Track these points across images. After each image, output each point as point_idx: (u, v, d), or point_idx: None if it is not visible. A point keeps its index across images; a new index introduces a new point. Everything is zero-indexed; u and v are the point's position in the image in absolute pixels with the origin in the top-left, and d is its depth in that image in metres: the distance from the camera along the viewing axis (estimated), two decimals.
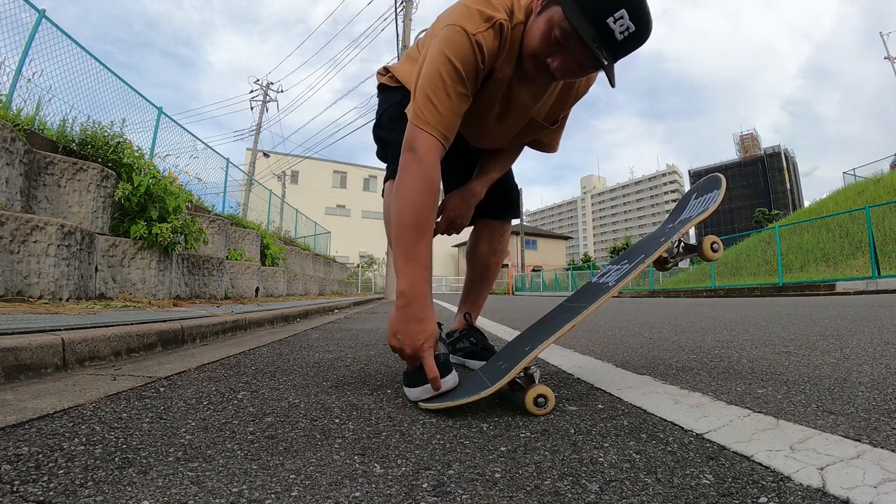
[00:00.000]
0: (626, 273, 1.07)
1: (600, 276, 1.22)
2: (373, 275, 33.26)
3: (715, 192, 1.16)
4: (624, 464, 0.65)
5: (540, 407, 0.90)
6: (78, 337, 1.37)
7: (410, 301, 0.96)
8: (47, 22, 4.41)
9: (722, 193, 1.14)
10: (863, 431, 0.74)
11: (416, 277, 0.96)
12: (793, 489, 0.55)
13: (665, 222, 1.32)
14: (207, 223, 5.70)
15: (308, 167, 39.01)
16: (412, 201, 0.97)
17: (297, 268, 10.03)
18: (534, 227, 56.04)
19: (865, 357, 1.48)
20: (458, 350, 1.53)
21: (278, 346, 2.06)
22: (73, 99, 4.65)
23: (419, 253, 0.97)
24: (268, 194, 12.77)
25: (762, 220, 45.27)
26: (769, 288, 11.12)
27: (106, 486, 0.56)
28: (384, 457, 0.69)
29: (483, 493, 0.56)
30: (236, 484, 0.58)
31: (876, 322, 2.62)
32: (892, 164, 21.88)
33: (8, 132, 2.86)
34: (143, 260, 3.63)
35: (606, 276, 1.18)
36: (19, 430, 0.77)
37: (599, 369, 1.41)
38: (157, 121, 6.61)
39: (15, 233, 2.56)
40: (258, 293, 6.25)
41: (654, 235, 1.24)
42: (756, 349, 1.75)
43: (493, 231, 1.55)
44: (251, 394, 1.10)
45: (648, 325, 3.06)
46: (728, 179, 1.18)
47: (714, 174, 1.23)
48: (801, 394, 1.02)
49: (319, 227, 17.81)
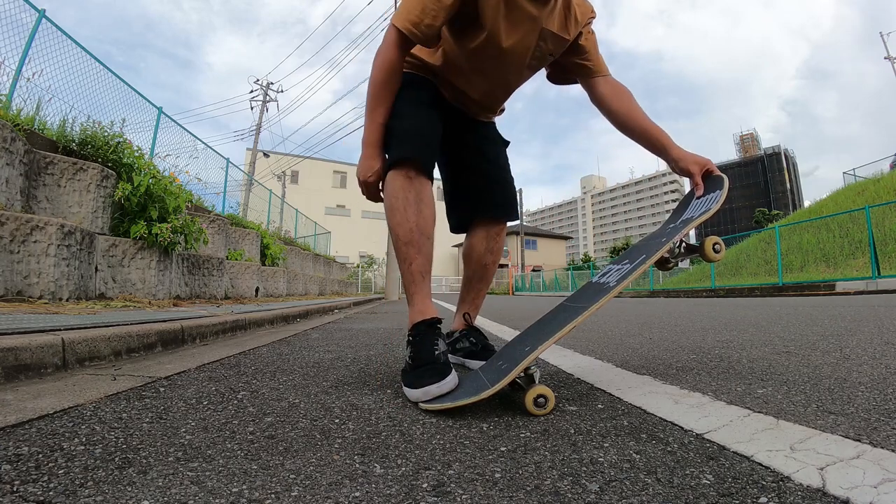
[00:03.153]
0: (627, 273, 1.07)
1: (601, 275, 1.22)
2: (373, 275, 33.26)
3: (717, 192, 1.15)
4: (624, 464, 0.65)
5: (540, 407, 0.90)
6: (78, 337, 1.37)
7: (365, 147, 1.24)
8: (47, 22, 4.41)
9: (724, 194, 1.13)
10: (863, 431, 0.74)
11: (371, 131, 1.23)
12: (793, 489, 0.55)
13: (666, 222, 1.32)
14: (207, 223, 5.70)
15: (308, 167, 39.02)
16: (372, 78, 1.21)
17: (297, 268, 10.03)
18: (534, 227, 56.02)
19: (865, 357, 1.48)
20: (458, 350, 1.53)
21: (278, 346, 2.06)
22: (73, 99, 4.64)
23: (376, 113, 1.22)
24: (268, 194, 12.77)
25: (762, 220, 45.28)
26: (769, 288, 11.12)
27: (106, 486, 0.56)
28: (384, 457, 0.69)
29: (483, 493, 0.56)
30: (236, 484, 0.58)
31: (876, 322, 2.62)
32: (892, 164, 21.88)
33: (8, 132, 2.86)
34: (143, 260, 3.63)
35: (607, 275, 1.18)
36: (19, 430, 0.77)
37: (599, 369, 1.41)
38: (157, 121, 6.61)
39: (15, 233, 2.56)
40: (258, 293, 6.25)
41: (656, 235, 1.24)
42: (756, 349, 1.75)
43: (489, 231, 1.55)
44: (251, 394, 1.10)
45: (648, 325, 3.06)
46: (728, 179, 1.18)
47: (717, 175, 1.22)
48: (801, 394, 1.02)
49: (319, 227, 17.81)
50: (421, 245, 1.19)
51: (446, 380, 0.98)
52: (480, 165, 1.49)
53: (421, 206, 1.20)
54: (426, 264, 1.21)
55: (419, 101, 1.29)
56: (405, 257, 1.19)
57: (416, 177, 1.21)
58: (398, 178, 1.20)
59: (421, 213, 1.20)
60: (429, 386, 0.97)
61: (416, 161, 1.20)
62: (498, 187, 1.51)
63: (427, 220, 1.21)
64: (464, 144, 1.48)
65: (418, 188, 1.20)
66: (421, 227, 1.19)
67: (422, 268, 1.20)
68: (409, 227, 1.18)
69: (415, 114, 1.26)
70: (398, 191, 1.19)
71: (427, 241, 1.21)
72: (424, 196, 1.22)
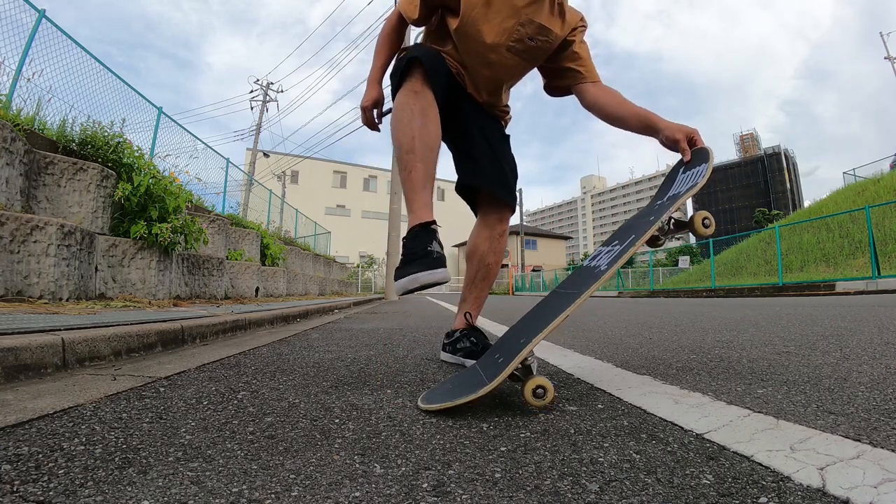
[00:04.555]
0: (618, 255, 1.04)
1: (592, 258, 1.19)
2: (373, 275, 33.26)
3: (703, 165, 1.13)
4: (624, 464, 0.65)
5: (539, 398, 0.88)
6: (78, 337, 1.37)
7: (367, 82, 1.46)
8: (47, 22, 4.41)
9: (710, 167, 1.11)
10: (863, 431, 0.74)
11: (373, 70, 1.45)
12: (793, 489, 0.55)
13: (654, 199, 1.29)
14: (207, 223, 5.70)
15: (308, 167, 39.01)
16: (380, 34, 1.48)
17: (297, 268, 10.03)
18: (534, 227, 56.02)
19: (865, 357, 1.48)
20: (458, 350, 1.53)
21: (278, 346, 2.06)
22: (73, 99, 4.64)
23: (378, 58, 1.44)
24: (268, 194, 12.77)
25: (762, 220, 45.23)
26: (769, 288, 11.12)
27: (106, 486, 0.56)
28: (384, 457, 0.69)
29: (483, 493, 0.56)
30: (236, 484, 0.58)
31: (876, 322, 2.62)
32: (892, 164, 21.88)
33: (8, 132, 2.86)
34: (143, 260, 3.63)
35: (598, 258, 1.15)
36: (19, 430, 0.77)
37: (599, 369, 1.41)
38: (157, 121, 6.61)
39: (15, 233, 2.56)
40: (258, 293, 6.25)
41: (644, 213, 1.22)
42: (756, 349, 1.75)
43: (493, 230, 1.56)
44: (251, 394, 1.10)
45: (648, 325, 3.06)
46: (728, 179, 1.18)
47: (701, 147, 1.20)
48: (801, 394, 1.02)
49: (319, 227, 17.80)
50: (423, 154, 1.18)
51: (438, 270, 0.95)
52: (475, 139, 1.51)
53: (426, 119, 1.20)
54: (427, 173, 1.19)
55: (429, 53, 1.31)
56: (406, 165, 1.18)
57: (422, 91, 1.22)
58: (405, 93, 1.22)
59: (425, 126, 1.20)
60: (418, 273, 0.95)
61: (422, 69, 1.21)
62: (499, 167, 1.52)
63: (431, 133, 1.21)
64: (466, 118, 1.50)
65: (424, 104, 1.21)
66: (423, 137, 1.19)
67: (422, 176, 1.18)
68: (411, 136, 1.18)
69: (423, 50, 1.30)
70: (404, 104, 1.21)
71: (430, 152, 1.20)
72: (430, 112, 1.22)
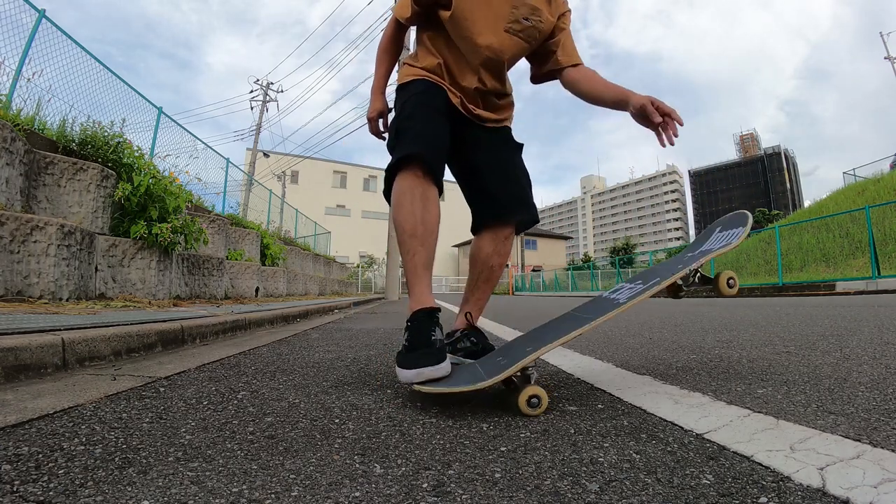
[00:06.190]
0: (638, 293, 1.07)
1: (612, 291, 1.24)
2: (373, 275, 33.25)
3: (740, 228, 1.16)
4: (624, 464, 0.65)
5: (533, 407, 0.90)
6: (78, 337, 1.37)
7: (371, 93, 1.55)
8: (47, 22, 4.41)
9: (747, 230, 1.14)
10: (863, 431, 0.74)
11: (375, 79, 1.54)
12: (793, 489, 0.55)
13: (686, 250, 1.35)
14: (207, 223, 5.70)
15: (308, 167, 39.00)
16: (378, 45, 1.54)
17: (297, 268, 10.03)
18: (533, 227, 55.90)
19: (865, 357, 1.48)
20: (458, 350, 1.53)
21: (278, 346, 2.06)
22: (73, 99, 4.64)
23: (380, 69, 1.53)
24: (268, 194, 12.77)
25: (762, 220, 45.26)
26: (769, 288, 11.11)
27: (106, 486, 0.56)
28: (384, 457, 0.69)
29: (483, 493, 0.56)
30: (236, 484, 0.58)
31: (876, 322, 2.62)
32: (892, 164, 21.87)
33: (8, 132, 2.86)
34: (143, 260, 3.63)
35: (618, 292, 1.19)
36: (19, 430, 0.77)
37: (599, 369, 1.41)
38: (157, 121, 6.61)
39: (15, 233, 2.56)
40: (258, 293, 6.25)
41: (673, 261, 1.27)
42: (756, 349, 1.75)
43: (498, 234, 1.56)
44: (251, 394, 1.10)
45: (648, 325, 3.06)
46: (728, 179, 1.20)
47: (741, 211, 1.22)
48: (801, 394, 1.02)
49: (319, 227, 17.80)
50: (425, 238, 1.21)
51: (441, 364, 0.98)
52: (484, 172, 1.51)
53: (427, 203, 1.22)
54: (429, 258, 1.23)
55: (429, 104, 1.33)
56: (408, 249, 1.21)
57: (424, 177, 1.24)
58: (407, 177, 1.23)
59: (427, 209, 1.22)
60: (423, 368, 0.97)
61: (421, 158, 1.22)
62: (502, 191, 1.51)
63: (432, 217, 1.23)
64: (472, 151, 1.51)
65: (425, 187, 1.23)
66: (426, 221, 1.22)
67: (424, 260, 1.21)
68: (414, 221, 1.21)
69: (424, 118, 1.30)
70: (406, 188, 1.22)
71: (431, 236, 1.23)
72: (431, 195, 1.24)
